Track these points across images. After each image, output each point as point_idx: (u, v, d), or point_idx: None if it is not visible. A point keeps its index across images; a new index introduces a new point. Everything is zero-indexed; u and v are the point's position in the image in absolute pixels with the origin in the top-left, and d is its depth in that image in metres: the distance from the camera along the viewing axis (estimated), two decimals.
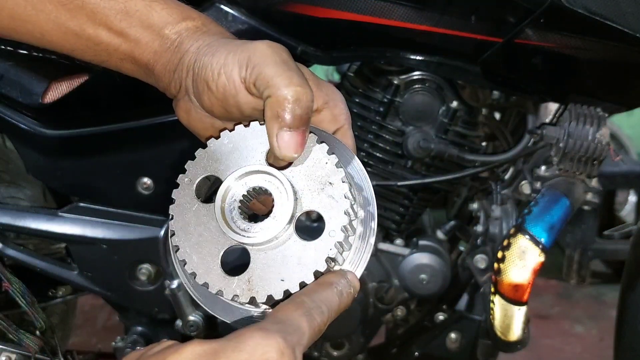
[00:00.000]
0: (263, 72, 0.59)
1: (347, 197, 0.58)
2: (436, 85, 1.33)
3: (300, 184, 0.59)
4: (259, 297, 0.57)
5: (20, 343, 1.10)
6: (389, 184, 1.37)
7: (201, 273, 0.59)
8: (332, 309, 0.57)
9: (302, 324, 0.53)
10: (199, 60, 0.63)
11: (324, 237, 0.58)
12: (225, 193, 0.59)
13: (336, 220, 0.58)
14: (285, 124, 0.58)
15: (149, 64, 0.67)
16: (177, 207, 0.61)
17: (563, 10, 1.08)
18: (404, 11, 1.15)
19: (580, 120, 1.22)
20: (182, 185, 0.61)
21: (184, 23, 0.66)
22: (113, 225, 1.34)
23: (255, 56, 0.60)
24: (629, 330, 1.28)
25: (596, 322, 2.89)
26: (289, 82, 0.58)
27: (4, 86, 1.25)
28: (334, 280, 0.59)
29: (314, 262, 0.57)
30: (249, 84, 0.60)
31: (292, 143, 0.58)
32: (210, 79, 0.62)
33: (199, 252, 0.59)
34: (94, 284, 1.38)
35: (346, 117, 0.67)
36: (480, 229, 1.38)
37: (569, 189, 1.24)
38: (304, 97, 0.58)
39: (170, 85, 0.67)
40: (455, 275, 1.46)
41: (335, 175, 0.59)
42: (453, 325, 1.44)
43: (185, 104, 0.67)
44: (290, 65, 0.60)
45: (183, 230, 0.60)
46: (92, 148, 1.32)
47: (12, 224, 1.32)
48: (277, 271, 0.58)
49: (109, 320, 2.68)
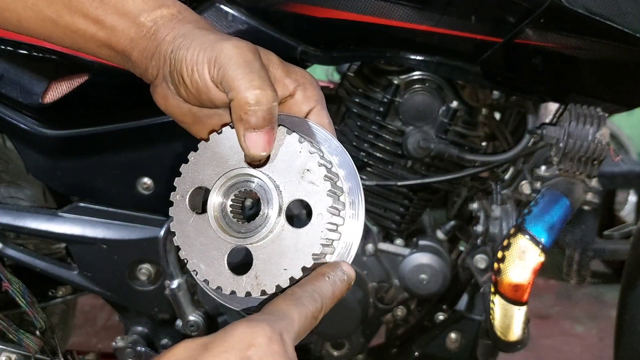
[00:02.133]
0: (227, 73, 0.61)
1: (327, 179, 0.61)
2: (436, 85, 1.33)
3: (280, 177, 0.62)
4: (268, 289, 0.61)
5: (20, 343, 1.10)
6: (389, 184, 1.37)
7: (212, 279, 0.63)
8: (325, 297, 0.60)
9: (291, 311, 0.56)
10: (175, 52, 0.64)
11: (313, 221, 0.61)
12: (215, 204, 0.63)
13: (322, 202, 0.61)
14: (249, 125, 0.60)
15: (126, 50, 0.68)
16: (176, 223, 0.64)
17: (563, 10, 1.08)
18: (404, 11, 1.15)
19: (580, 120, 1.22)
20: (176, 202, 0.65)
21: (159, 11, 0.67)
22: (113, 225, 1.34)
23: (221, 56, 0.61)
24: (629, 330, 1.28)
25: (596, 322, 2.90)
26: (249, 85, 0.60)
27: (4, 86, 1.25)
28: (326, 271, 0.62)
29: (310, 245, 0.61)
30: (217, 82, 0.62)
31: (259, 142, 0.60)
32: (185, 74, 0.63)
33: (205, 260, 0.63)
34: (94, 284, 1.38)
35: (318, 97, 0.69)
36: (480, 229, 1.38)
37: (569, 189, 1.24)
38: (264, 99, 0.60)
39: (147, 71, 0.68)
40: (455, 275, 1.46)
41: (311, 161, 0.61)
42: (453, 325, 1.44)
43: (163, 90, 0.68)
44: (253, 66, 0.61)
45: (186, 243, 0.64)
46: (92, 148, 1.32)
47: (12, 224, 1.32)
48: (279, 262, 0.61)
49: (109, 320, 2.69)
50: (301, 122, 0.67)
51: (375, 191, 1.40)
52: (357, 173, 0.66)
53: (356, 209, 0.65)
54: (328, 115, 0.69)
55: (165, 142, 1.28)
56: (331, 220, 0.61)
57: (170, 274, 1.34)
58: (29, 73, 1.25)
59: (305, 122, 0.67)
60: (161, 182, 1.32)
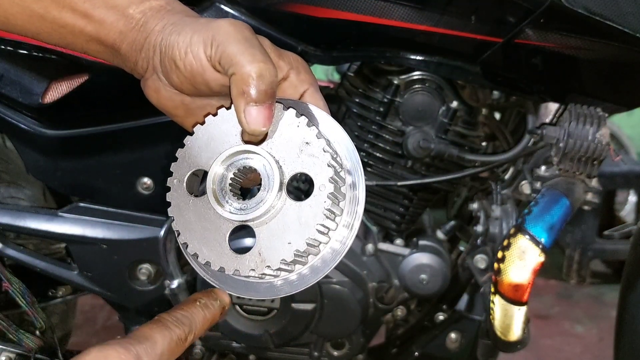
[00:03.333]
0: (227, 50, 0.60)
1: (327, 150, 0.61)
2: (436, 85, 1.33)
3: (280, 152, 0.61)
4: (273, 265, 0.60)
5: (20, 343, 1.10)
6: (389, 184, 1.37)
7: (214, 260, 0.61)
8: (195, 321, 0.62)
9: (153, 334, 0.58)
10: (165, 39, 0.64)
11: (315, 192, 0.60)
12: (214, 181, 0.62)
13: (322, 174, 0.60)
14: (251, 99, 0.60)
15: (115, 44, 0.67)
16: (174, 208, 0.63)
17: (563, 10, 1.08)
18: (404, 11, 1.15)
19: (580, 120, 1.22)
20: (173, 187, 0.64)
21: (148, 2, 0.67)
22: (113, 225, 1.34)
23: (219, 35, 0.61)
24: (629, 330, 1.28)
25: (596, 322, 2.90)
26: (252, 59, 0.60)
27: (4, 86, 1.25)
28: (198, 297, 0.64)
29: (313, 217, 0.60)
30: (215, 62, 0.62)
31: (260, 117, 0.60)
32: (178, 58, 0.63)
33: (206, 242, 0.62)
34: (94, 284, 1.38)
35: (311, 80, 0.69)
36: (480, 229, 1.38)
37: (569, 189, 1.24)
38: (267, 73, 0.60)
39: (137, 64, 0.68)
40: (455, 275, 1.46)
41: (309, 134, 0.61)
42: (453, 325, 1.44)
43: (154, 83, 0.68)
44: (253, 42, 0.62)
45: (186, 227, 0.62)
46: (92, 148, 1.32)
47: (12, 224, 1.32)
48: (282, 237, 0.60)
49: (109, 320, 2.69)
50: (296, 103, 0.67)
51: (375, 191, 1.40)
52: (355, 149, 0.65)
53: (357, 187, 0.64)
54: (322, 97, 0.69)
55: (166, 142, 1.28)
56: (333, 191, 0.60)
57: (170, 274, 1.34)
58: (29, 73, 1.25)
59: (300, 104, 0.67)
60: (161, 182, 1.31)
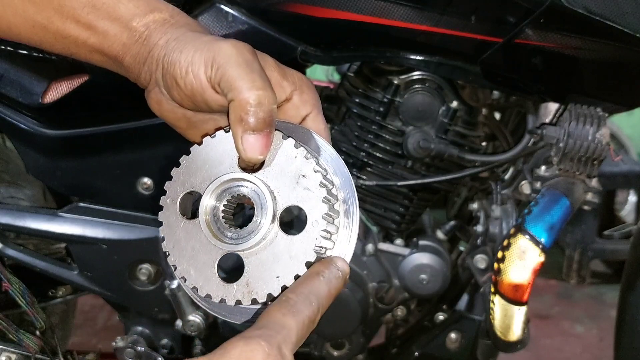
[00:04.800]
0: (226, 73, 0.59)
1: (323, 185, 0.59)
2: (436, 85, 1.33)
3: (275, 183, 0.60)
4: (259, 298, 0.59)
5: (20, 343, 1.10)
6: (389, 184, 1.37)
7: (201, 285, 0.60)
8: (321, 297, 0.58)
9: (287, 321, 0.54)
10: (168, 55, 0.63)
11: (308, 228, 0.59)
12: (207, 207, 0.61)
13: (317, 209, 0.59)
14: (249, 127, 0.58)
15: (118, 55, 0.67)
16: (165, 227, 0.63)
17: (563, 10, 1.08)
18: (404, 11, 1.14)
19: (580, 120, 1.22)
20: (166, 206, 0.63)
21: (152, 15, 0.66)
22: (113, 225, 1.34)
23: (219, 56, 0.60)
24: (629, 330, 1.28)
25: (596, 322, 2.90)
26: (251, 85, 0.58)
27: (4, 86, 1.25)
28: (319, 269, 0.59)
29: (304, 253, 0.59)
30: (214, 83, 0.61)
31: (257, 145, 0.59)
32: (179, 76, 0.62)
33: (195, 266, 0.61)
34: (94, 284, 1.38)
35: (315, 102, 0.67)
36: (480, 229, 1.38)
37: (569, 189, 1.24)
38: (266, 101, 0.58)
39: (140, 76, 0.67)
40: (455, 275, 1.46)
41: (307, 166, 0.60)
42: (453, 325, 1.44)
43: (157, 95, 0.68)
44: (254, 66, 0.60)
45: (176, 248, 0.62)
46: (92, 148, 1.32)
47: (12, 224, 1.32)
48: (271, 269, 0.59)
49: (109, 320, 2.69)
50: (296, 128, 0.65)
51: (375, 191, 1.40)
52: (352, 181, 0.64)
53: (350, 218, 0.63)
54: (324, 120, 0.68)
55: (166, 142, 1.28)
56: (326, 227, 0.59)
57: (170, 274, 1.34)
58: (29, 73, 1.25)
59: (300, 129, 0.66)
60: (161, 182, 1.31)
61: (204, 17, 1.18)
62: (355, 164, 1.38)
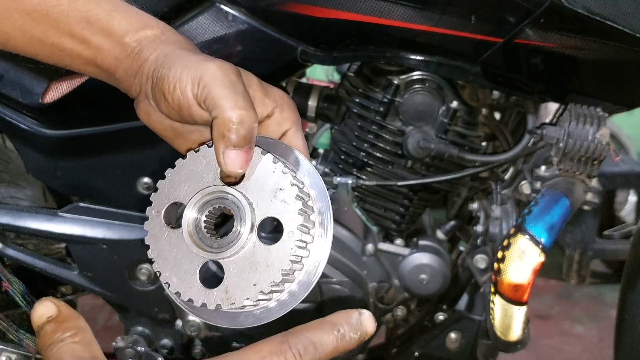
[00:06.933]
0: (212, 92, 0.63)
1: (299, 198, 0.63)
2: (436, 85, 1.33)
3: (254, 195, 0.64)
4: (237, 303, 0.63)
5: (20, 343, 1.10)
6: (389, 184, 1.37)
7: (184, 291, 0.64)
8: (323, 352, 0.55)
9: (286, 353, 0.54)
10: (157, 71, 0.66)
11: (284, 238, 0.63)
12: (190, 219, 0.64)
13: (292, 221, 0.63)
14: (230, 143, 0.62)
15: (111, 68, 0.71)
16: (150, 237, 0.66)
17: (563, 10, 1.08)
18: (404, 11, 1.15)
19: (580, 120, 1.22)
20: (151, 217, 0.66)
21: (144, 32, 0.70)
22: (113, 225, 1.34)
23: (206, 76, 0.64)
24: (629, 330, 1.28)
25: (596, 322, 2.90)
26: (234, 104, 0.62)
27: (4, 86, 1.25)
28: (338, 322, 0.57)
29: (280, 262, 0.62)
30: (200, 101, 0.64)
31: (237, 160, 0.62)
32: (167, 92, 0.65)
33: (178, 273, 0.65)
34: (94, 284, 1.38)
35: (295, 119, 0.71)
36: (480, 229, 1.38)
37: (569, 189, 1.24)
38: (247, 120, 0.62)
39: (131, 88, 0.71)
40: (455, 275, 1.46)
41: (284, 180, 0.63)
42: (453, 325, 1.44)
43: (145, 107, 0.71)
44: (238, 87, 0.64)
45: (160, 256, 0.65)
46: (92, 148, 1.32)
47: (12, 224, 1.32)
48: (249, 277, 0.63)
49: (109, 320, 2.68)
50: (275, 143, 0.70)
51: (375, 191, 1.40)
52: (327, 194, 0.68)
53: (325, 228, 0.67)
54: (303, 137, 0.72)
55: (166, 142, 1.28)
56: (301, 237, 0.63)
57: None
58: (29, 73, 1.25)
59: (280, 144, 0.70)
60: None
61: (204, 17, 1.18)
62: (355, 164, 1.38)
